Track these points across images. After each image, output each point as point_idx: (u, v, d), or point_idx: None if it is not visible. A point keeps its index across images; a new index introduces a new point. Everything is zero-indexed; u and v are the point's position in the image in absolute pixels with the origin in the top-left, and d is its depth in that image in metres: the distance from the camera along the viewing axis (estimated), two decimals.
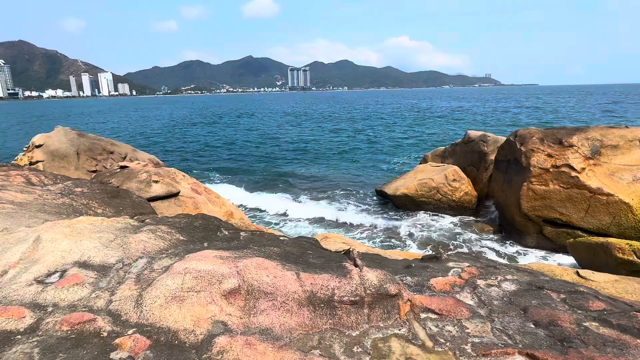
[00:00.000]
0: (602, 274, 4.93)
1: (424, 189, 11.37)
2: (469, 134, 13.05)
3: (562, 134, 9.13)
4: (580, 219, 8.33)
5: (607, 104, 64.05)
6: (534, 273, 3.61)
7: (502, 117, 46.06)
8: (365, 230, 10.45)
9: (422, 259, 4.05)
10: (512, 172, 9.77)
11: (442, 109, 66.66)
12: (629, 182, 8.29)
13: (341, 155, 23.28)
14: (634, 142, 8.84)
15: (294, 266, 3.19)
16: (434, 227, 10.45)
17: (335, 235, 6.32)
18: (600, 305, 2.83)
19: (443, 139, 28.43)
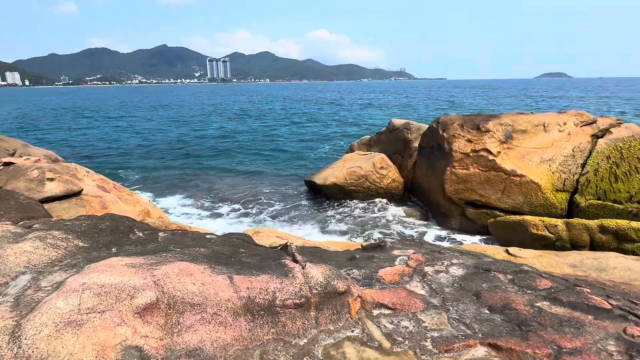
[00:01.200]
0: (527, 251, 5.17)
1: (353, 177, 11.36)
2: (393, 123, 13.35)
3: (479, 120, 9.63)
4: (498, 200, 8.87)
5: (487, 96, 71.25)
6: (477, 255, 3.54)
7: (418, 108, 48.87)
8: (299, 223, 10.12)
9: (364, 248, 3.80)
10: (435, 157, 10.12)
11: (364, 100, 68.77)
12: (537, 163, 9.01)
13: (267, 148, 22.69)
14: (539, 127, 9.63)
15: (225, 269, 2.71)
16: (366, 215, 10.48)
17: (267, 230, 5.88)
18: (547, 284, 2.79)
19: (367, 128, 29.16)
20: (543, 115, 10.01)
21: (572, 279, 3.41)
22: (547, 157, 9.06)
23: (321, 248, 4.13)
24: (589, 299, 2.52)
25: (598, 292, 2.86)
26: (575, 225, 6.98)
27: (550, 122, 9.66)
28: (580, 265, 4.73)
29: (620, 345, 2.13)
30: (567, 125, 9.60)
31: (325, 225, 9.81)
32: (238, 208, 11.39)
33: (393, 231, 9.21)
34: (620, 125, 9.76)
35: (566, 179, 8.88)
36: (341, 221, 10.00)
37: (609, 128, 9.63)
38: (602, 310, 2.44)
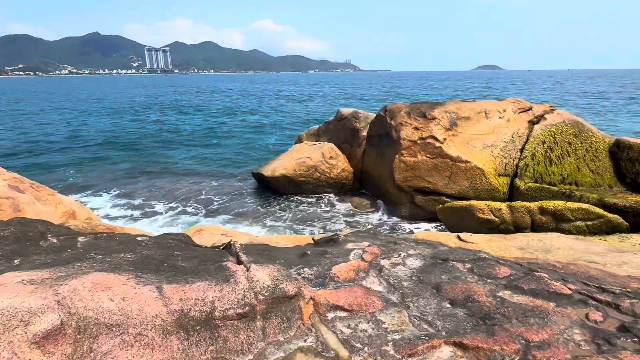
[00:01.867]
0: (477, 236, 5.20)
1: (303, 168, 11.07)
2: (341, 112, 13.21)
3: (425, 108, 9.72)
4: (445, 186, 9.02)
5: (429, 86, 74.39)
6: (433, 244, 3.39)
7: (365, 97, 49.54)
8: (246, 218, 9.66)
9: (316, 243, 3.53)
10: (384, 146, 10.10)
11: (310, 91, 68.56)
12: (480, 149, 9.26)
13: (209, 141, 21.74)
14: (481, 114, 9.91)
15: (154, 277, 2.31)
16: (317, 207, 10.26)
17: (211, 227, 5.43)
18: (506, 271, 2.68)
19: (315, 119, 28.96)
20: (484, 102, 10.31)
21: (525, 263, 3.37)
22: (490, 143, 9.34)
23: (269, 245, 3.80)
24: (549, 285, 2.42)
25: (553, 275, 2.80)
26: (517, 208, 7.22)
27: (491, 109, 9.96)
28: (527, 247, 4.81)
29: (585, 333, 2.03)
30: (507, 112, 9.96)
31: (275, 219, 9.45)
32: (178, 205, 10.67)
33: (344, 222, 9.07)
34: (553, 112, 10.30)
35: (507, 163, 9.21)
36: (291, 214, 9.70)
37: (544, 114, 10.13)
38: (563, 296, 2.35)
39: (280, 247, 3.65)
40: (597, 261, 4.33)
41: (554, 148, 9.73)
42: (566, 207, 6.94)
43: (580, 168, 9.92)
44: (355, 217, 9.48)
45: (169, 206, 10.55)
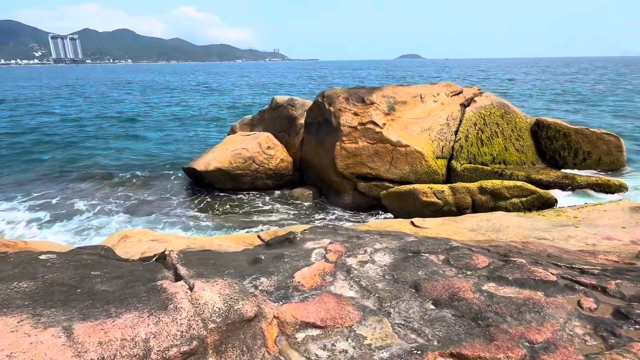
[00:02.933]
0: (429, 220, 5.09)
1: (239, 160, 10.40)
2: (276, 100, 12.65)
3: (364, 93, 9.55)
4: (387, 171, 8.97)
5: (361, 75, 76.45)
6: (398, 235, 3.10)
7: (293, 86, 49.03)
8: (180, 218, 8.80)
9: (268, 244, 3.07)
10: (324, 133, 9.79)
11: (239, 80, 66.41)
12: (418, 133, 9.33)
13: (136, 133, 19.93)
14: (417, 98, 9.99)
15: (62, 313, 1.73)
16: (259, 200, 9.70)
17: (139, 232, 4.70)
18: (484, 260, 2.44)
19: (246, 109, 27.91)
20: (419, 87, 10.42)
21: (488, 245, 3.23)
22: (426, 126, 9.45)
23: (213, 250, 3.26)
24: (534, 273, 2.23)
25: (527, 260, 2.64)
26: (459, 189, 7.33)
27: (425, 93, 10.08)
28: (478, 229, 4.79)
29: (585, 325, 1.83)
30: (440, 95, 10.15)
31: (213, 218, 8.73)
32: (98, 209, 9.46)
33: (289, 215, 8.64)
34: (481, 95, 10.72)
35: (444, 146, 9.39)
36: (231, 211, 9.05)
37: (473, 97, 10.49)
38: (550, 284, 2.16)
39: (227, 252, 3.14)
40: (546, 237, 4.41)
41: (484, 129, 10.14)
42: (503, 185, 7.18)
43: (507, 148, 10.47)
44: (299, 209, 9.09)
45: (87, 210, 9.29)
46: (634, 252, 3.68)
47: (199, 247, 4.04)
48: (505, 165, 10.20)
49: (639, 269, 2.51)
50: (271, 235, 5.17)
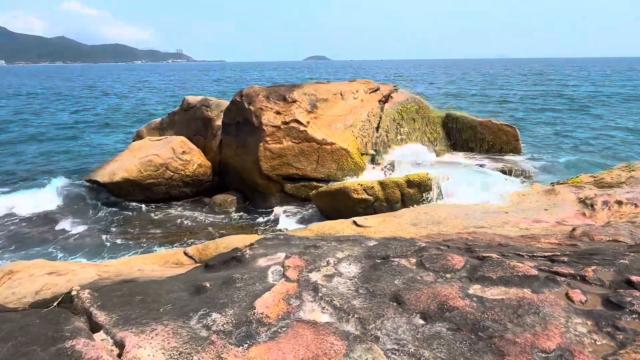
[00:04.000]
0: (371, 218, 4.91)
1: (150, 168, 9.33)
2: (188, 100, 11.66)
3: (284, 91, 9.20)
4: (314, 170, 8.73)
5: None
6: (357, 240, 2.80)
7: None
8: (84, 240, 7.53)
9: (209, 266, 2.55)
10: (245, 134, 9.23)
11: (137, 83, 61.37)
12: (342, 130, 9.26)
13: (23, 143, 17.06)
14: (337, 95, 9.93)
15: None
16: (177, 211, 8.77)
17: (31, 264, 3.75)
18: (460, 260, 2.25)
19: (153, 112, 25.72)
20: (338, 84, 10.39)
21: (442, 240, 3.10)
22: (349, 123, 9.43)
23: (137, 279, 2.64)
24: (515, 269, 2.08)
25: (496, 254, 2.52)
26: (388, 184, 7.37)
27: (345, 90, 10.07)
28: (419, 222, 4.75)
29: (586, 321, 1.70)
30: (359, 92, 10.23)
31: (125, 235, 7.65)
32: None
33: (215, 225, 7.93)
34: (397, 91, 11.07)
35: (367, 142, 9.46)
36: (146, 226, 8.03)
37: (390, 94, 10.78)
38: (533, 279, 2.03)
39: (155, 280, 2.55)
40: (484, 225, 4.52)
41: (403, 124, 10.47)
42: (427, 177, 7.38)
43: (423, 141, 10.96)
44: (224, 217, 8.42)
45: None
46: (564, 232, 3.89)
47: (114, 276, 3.32)
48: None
49: (601, 250, 2.54)
50: (200, 250, 4.56)
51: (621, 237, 3.47)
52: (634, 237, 3.48)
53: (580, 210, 4.75)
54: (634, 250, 2.58)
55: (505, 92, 35.75)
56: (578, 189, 5.85)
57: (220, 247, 4.50)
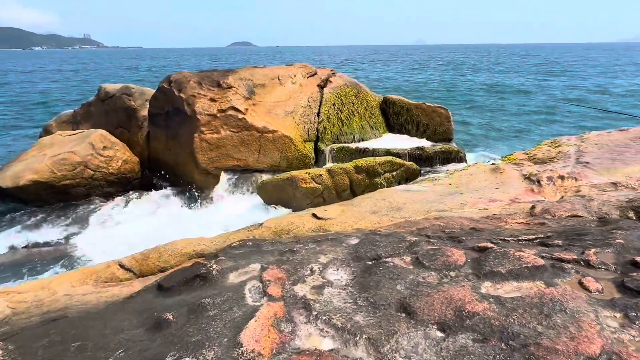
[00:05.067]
0: (329, 209, 4.61)
1: (66, 167, 8.13)
2: (106, 89, 10.35)
3: (218, 76, 8.49)
4: (256, 160, 8.23)
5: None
6: (336, 238, 2.48)
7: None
8: None
9: (163, 288, 2.06)
10: (176, 124, 8.40)
11: (34, 70, 54.54)
12: (282, 117, 8.82)
13: None
14: (274, 80, 9.43)
15: None
16: (104, 211, 7.73)
17: None
18: (460, 255, 2.04)
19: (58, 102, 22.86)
20: (275, 68, 9.88)
21: (416, 229, 2.91)
22: (289, 109, 9.01)
23: (66, 314, 2.07)
24: (522, 260, 1.90)
25: (482, 240, 2.36)
26: (336, 171, 7.14)
27: (283, 74, 9.61)
28: (379, 210, 4.56)
29: (614, 314, 1.56)
30: (297, 77, 9.82)
31: (40, 249, 6.56)
32: None
33: (152, 226, 7.10)
34: (335, 75, 10.83)
35: (309, 128, 9.13)
36: (66, 236, 6.96)
37: (328, 78, 10.51)
38: (541, 269, 1.87)
39: (92, 311, 2.01)
40: (445, 209, 4.46)
41: (343, 109, 10.29)
42: (376, 162, 7.28)
43: (363, 126, 10.89)
44: (162, 217, 7.59)
45: None
46: (524, 210, 3.94)
47: (34, 308, 2.67)
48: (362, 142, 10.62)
49: (585, 230, 2.49)
50: (139, 260, 3.96)
51: (579, 211, 3.57)
52: (590, 210, 3.60)
53: (529, 186, 4.91)
54: (610, 226, 2.58)
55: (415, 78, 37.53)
56: (518, 165, 6.08)
57: (165, 254, 3.94)
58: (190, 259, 3.84)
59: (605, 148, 6.38)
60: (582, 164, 5.50)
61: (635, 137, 6.79)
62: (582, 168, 5.31)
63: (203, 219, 7.66)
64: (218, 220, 7.56)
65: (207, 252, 3.90)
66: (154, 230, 7.02)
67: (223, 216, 7.81)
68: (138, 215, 7.80)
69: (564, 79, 34.92)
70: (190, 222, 7.48)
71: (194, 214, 7.94)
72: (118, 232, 7.24)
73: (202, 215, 7.85)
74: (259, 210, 7.77)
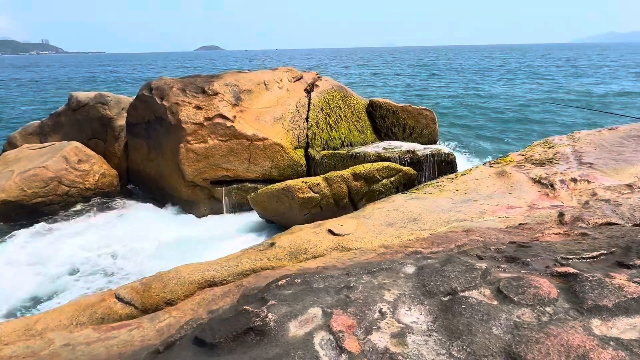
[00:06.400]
0: (344, 223, 4.30)
1: (36, 183, 7.46)
2: (77, 97, 9.63)
3: (202, 82, 8.04)
4: (246, 170, 7.83)
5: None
6: (390, 267, 2.19)
7: None
8: None
9: (204, 342, 1.70)
10: (159, 134, 7.89)
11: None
12: (271, 123, 8.46)
13: None
14: (261, 85, 9.06)
15: None
16: (83, 227, 7.11)
17: None
18: (549, 286, 1.80)
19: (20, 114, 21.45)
20: (260, 73, 9.51)
21: (453, 246, 2.67)
22: (278, 115, 8.67)
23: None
24: (624, 290, 1.68)
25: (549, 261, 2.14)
26: (333, 179, 6.86)
27: (269, 79, 9.25)
28: (394, 222, 4.30)
29: None
30: (284, 81, 9.50)
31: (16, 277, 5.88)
32: None
33: (142, 245, 6.55)
34: (320, 79, 10.57)
35: (299, 135, 8.82)
36: (46, 258, 6.31)
37: (314, 82, 10.23)
38: None
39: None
40: (465, 218, 4.25)
41: (330, 114, 10.03)
42: (374, 168, 7.06)
43: (351, 130, 10.68)
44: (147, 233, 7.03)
45: None
46: (551, 217, 3.79)
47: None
48: (352, 147, 10.40)
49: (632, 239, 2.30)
50: (140, 291, 3.55)
51: (612, 218, 3.45)
52: (622, 216, 3.49)
53: (542, 190, 4.79)
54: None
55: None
56: (520, 168, 6.00)
57: (170, 284, 3.53)
58: (201, 288, 3.45)
59: (602, 148, 6.39)
60: (587, 165, 5.46)
61: (628, 135, 6.86)
62: (588, 169, 5.26)
63: (192, 234, 7.20)
64: (210, 235, 7.13)
65: (219, 279, 3.52)
66: (141, 249, 6.51)
67: (214, 230, 7.38)
68: (120, 233, 7.23)
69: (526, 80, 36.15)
70: (179, 239, 7.00)
71: (181, 228, 7.45)
72: (99, 252, 6.67)
73: (191, 229, 7.38)
74: (252, 223, 7.40)
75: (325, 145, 9.61)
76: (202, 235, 7.11)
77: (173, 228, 7.22)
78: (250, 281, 2.71)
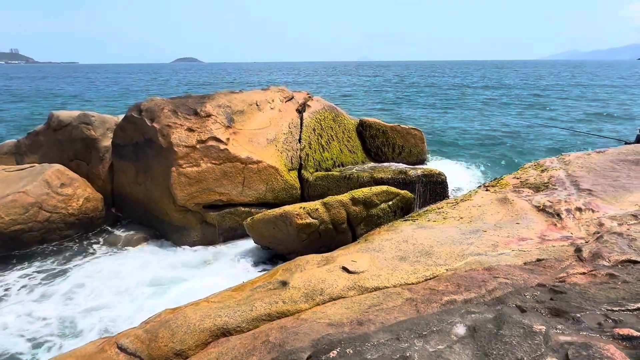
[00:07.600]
0: (358, 259, 4.15)
1: (15, 210, 6.99)
2: (59, 117, 9.18)
3: (193, 103, 7.81)
4: (240, 194, 7.60)
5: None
6: (441, 330, 2.06)
7: None
8: None
9: None
10: (149, 157, 7.58)
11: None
12: (265, 145, 8.29)
13: None
14: (253, 106, 8.90)
15: None
16: (68, 258, 6.67)
17: None
18: (623, 357, 1.70)
19: None
20: (252, 93, 9.35)
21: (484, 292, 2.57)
22: (271, 137, 8.51)
23: None
24: None
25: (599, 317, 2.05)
26: (332, 204, 6.73)
27: (261, 100, 9.11)
28: (406, 256, 4.19)
29: None
30: (276, 102, 9.37)
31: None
32: None
33: (132, 276, 6.19)
34: (312, 99, 10.50)
35: (292, 156, 8.68)
36: (25, 295, 5.87)
37: (306, 102, 10.15)
38: None
39: None
40: (479, 252, 4.16)
41: (322, 134, 9.95)
42: (372, 192, 6.97)
43: (342, 150, 10.62)
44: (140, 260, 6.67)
45: None
46: (568, 253, 3.77)
47: None
48: (343, 167, 10.31)
49: None
50: (146, 341, 3.29)
51: (631, 255, 3.44)
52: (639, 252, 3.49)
53: (549, 220, 4.79)
54: None
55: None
56: (518, 193, 6.03)
57: (179, 332, 3.28)
58: (213, 336, 3.22)
59: (595, 172, 6.51)
60: (586, 191, 5.52)
61: (618, 159, 7.02)
62: (589, 196, 5.31)
63: (185, 264, 6.89)
64: (204, 264, 6.84)
65: (232, 326, 3.30)
66: (130, 280, 6.16)
67: (209, 255, 7.10)
68: (107, 263, 6.85)
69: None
70: (171, 268, 6.69)
71: (172, 257, 7.13)
72: (83, 285, 6.27)
73: (182, 259, 7.07)
74: (248, 251, 7.16)
75: (318, 166, 9.50)
76: (195, 262, 6.82)
77: (166, 258, 6.88)
78: (277, 337, 2.52)
